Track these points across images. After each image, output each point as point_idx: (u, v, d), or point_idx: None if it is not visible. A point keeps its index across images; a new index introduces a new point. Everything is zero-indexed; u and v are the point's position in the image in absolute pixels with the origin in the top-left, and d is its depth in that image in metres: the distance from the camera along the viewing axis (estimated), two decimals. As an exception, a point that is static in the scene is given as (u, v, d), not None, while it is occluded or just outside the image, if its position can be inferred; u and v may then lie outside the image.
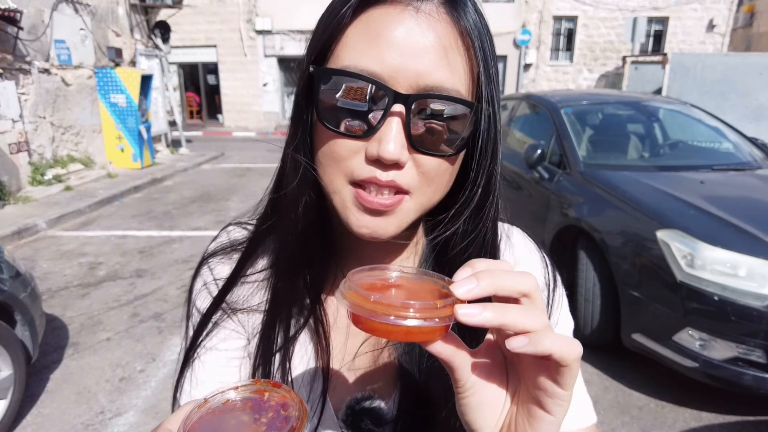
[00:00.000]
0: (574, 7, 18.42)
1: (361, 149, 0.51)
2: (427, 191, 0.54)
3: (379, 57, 0.49)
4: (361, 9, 0.51)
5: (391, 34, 0.49)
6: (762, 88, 8.87)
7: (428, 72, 0.49)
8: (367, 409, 0.61)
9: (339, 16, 0.51)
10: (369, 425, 0.61)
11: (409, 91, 0.49)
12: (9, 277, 2.83)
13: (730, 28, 17.66)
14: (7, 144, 7.52)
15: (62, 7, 8.90)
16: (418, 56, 0.49)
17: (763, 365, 2.64)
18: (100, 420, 2.91)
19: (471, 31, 0.52)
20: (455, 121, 0.52)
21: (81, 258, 5.51)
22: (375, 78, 0.49)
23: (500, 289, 0.39)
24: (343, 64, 0.51)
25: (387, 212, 0.53)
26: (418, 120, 0.50)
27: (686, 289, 2.76)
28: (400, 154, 0.50)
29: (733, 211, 3.03)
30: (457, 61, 0.51)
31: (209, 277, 0.67)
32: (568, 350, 0.39)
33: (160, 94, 12.18)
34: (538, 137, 4.61)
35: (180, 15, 14.31)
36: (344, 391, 0.63)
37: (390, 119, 0.50)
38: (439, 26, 0.50)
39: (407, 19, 0.50)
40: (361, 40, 0.50)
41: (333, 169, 0.53)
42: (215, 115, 20.71)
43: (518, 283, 0.39)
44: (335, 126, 0.52)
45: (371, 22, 0.50)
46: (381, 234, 0.54)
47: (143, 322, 4.02)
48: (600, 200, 3.54)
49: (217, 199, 8.29)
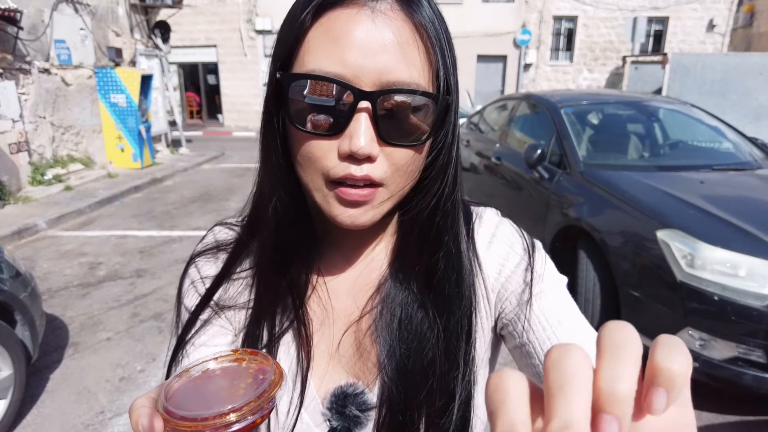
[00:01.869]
0: (574, 7, 18.42)
1: (334, 147, 0.54)
2: (399, 180, 0.57)
3: (341, 59, 0.52)
4: (319, 13, 0.53)
5: (351, 35, 0.52)
6: (762, 88, 8.87)
7: (388, 69, 0.52)
8: (350, 396, 0.63)
9: (299, 22, 0.54)
10: (353, 411, 0.62)
11: (373, 88, 0.52)
12: (9, 277, 2.83)
13: (730, 28, 17.67)
14: (7, 144, 7.52)
15: (62, 7, 8.90)
16: (377, 54, 0.52)
17: (763, 365, 2.64)
18: (100, 420, 2.91)
19: (426, 25, 0.54)
20: (419, 112, 0.54)
21: (81, 258, 5.51)
22: (340, 79, 0.52)
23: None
24: (308, 68, 0.53)
25: (365, 203, 0.56)
26: (385, 114, 0.53)
27: (686, 289, 2.76)
28: (371, 148, 0.53)
29: (733, 211, 3.03)
30: (415, 55, 0.53)
31: (196, 276, 0.70)
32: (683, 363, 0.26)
33: (160, 94, 12.17)
34: (538, 137, 4.61)
35: (180, 15, 14.31)
36: (330, 380, 0.65)
37: (357, 116, 0.52)
38: (395, 23, 0.53)
39: (364, 20, 0.52)
40: (322, 44, 0.53)
41: (311, 168, 0.56)
42: (215, 115, 20.71)
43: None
44: (306, 127, 0.54)
45: (330, 24, 0.53)
46: (361, 222, 0.57)
47: (143, 322, 4.02)
48: (600, 200, 3.54)
49: (218, 199, 8.29)
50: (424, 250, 0.62)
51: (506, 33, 18.36)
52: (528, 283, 0.65)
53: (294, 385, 0.64)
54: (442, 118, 0.58)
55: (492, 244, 0.68)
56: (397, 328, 0.62)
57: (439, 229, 0.62)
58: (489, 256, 0.67)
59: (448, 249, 0.63)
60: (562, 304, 0.64)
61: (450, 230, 0.63)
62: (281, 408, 0.64)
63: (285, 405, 0.64)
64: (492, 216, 0.72)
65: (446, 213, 0.62)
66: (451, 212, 0.62)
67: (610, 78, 18.52)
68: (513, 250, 0.68)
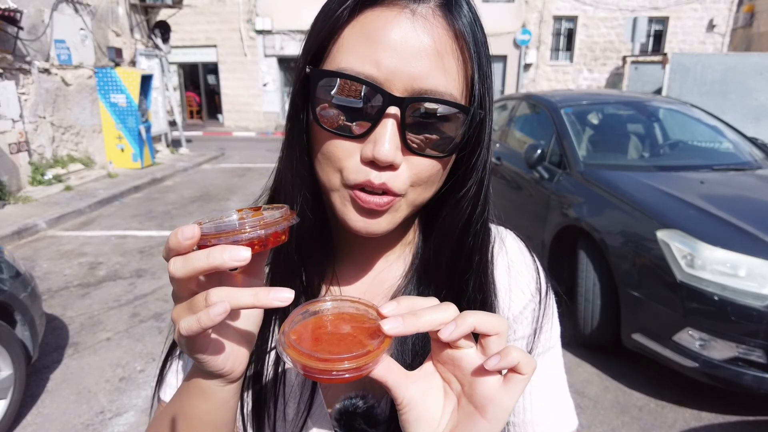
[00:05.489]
0: (574, 7, 18.42)
1: (356, 150, 0.52)
2: (418, 191, 0.55)
3: (375, 60, 0.49)
4: (357, 10, 0.51)
5: (388, 36, 0.50)
6: (762, 88, 8.88)
7: (423, 76, 0.50)
8: (360, 409, 0.62)
9: (335, 17, 0.52)
10: (362, 425, 0.61)
11: (404, 94, 0.50)
12: (9, 277, 2.83)
13: (730, 28, 17.66)
14: (7, 144, 7.52)
15: (62, 7, 8.90)
16: (413, 60, 0.50)
17: (763, 365, 2.64)
18: (100, 420, 2.91)
19: (466, 35, 0.52)
20: (448, 124, 0.53)
21: (81, 258, 5.51)
22: (371, 80, 0.50)
23: (422, 327, 0.43)
24: (340, 65, 0.51)
25: (381, 211, 0.54)
26: (413, 122, 0.51)
27: (686, 289, 2.76)
28: (394, 156, 0.51)
29: (733, 211, 3.03)
30: (452, 65, 0.52)
31: None
32: (528, 361, 0.43)
33: (160, 94, 12.17)
34: (538, 137, 4.61)
35: (180, 15, 14.31)
36: (338, 391, 0.63)
37: (385, 121, 0.50)
38: (435, 29, 0.51)
39: (403, 22, 0.50)
40: (357, 42, 0.51)
41: (330, 168, 0.54)
42: (215, 115, 20.71)
43: (437, 318, 0.44)
44: (331, 127, 0.52)
45: (368, 23, 0.51)
46: (375, 230, 0.55)
47: (143, 322, 4.02)
48: (600, 200, 3.54)
49: (217, 199, 8.29)
50: (454, 270, 0.61)
51: (506, 33, 18.36)
52: (534, 331, 0.65)
53: (301, 391, 0.63)
54: (475, 134, 0.56)
55: (509, 276, 0.67)
56: (411, 341, 0.61)
57: (470, 250, 0.61)
58: (502, 288, 0.66)
59: (477, 270, 0.62)
60: (549, 371, 0.66)
61: (480, 251, 0.62)
62: (288, 412, 0.63)
63: (292, 409, 0.63)
64: (512, 244, 0.70)
65: (477, 233, 0.60)
66: (481, 232, 0.61)
67: (610, 78, 18.51)
68: (522, 293, 0.66)
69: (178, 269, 0.43)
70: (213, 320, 0.41)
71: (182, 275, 0.43)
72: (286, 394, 0.63)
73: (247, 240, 0.44)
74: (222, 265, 0.42)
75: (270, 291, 0.44)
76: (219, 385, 0.50)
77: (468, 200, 0.59)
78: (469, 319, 0.44)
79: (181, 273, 0.43)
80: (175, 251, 0.43)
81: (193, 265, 0.42)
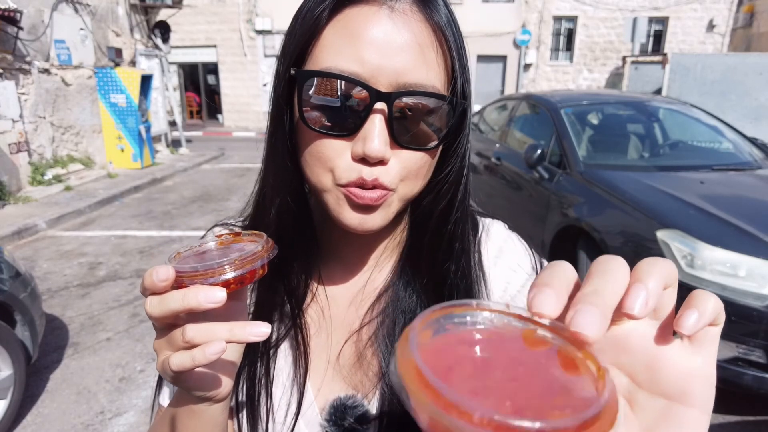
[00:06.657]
0: (574, 7, 18.43)
1: (346, 149, 0.53)
2: (409, 185, 0.56)
3: (358, 57, 0.50)
4: (336, 9, 0.52)
5: (369, 34, 0.50)
6: (762, 88, 8.87)
7: (407, 70, 0.51)
8: (350, 408, 0.62)
9: (315, 18, 0.52)
10: (352, 423, 0.61)
11: (389, 89, 0.51)
12: (9, 277, 2.83)
13: (730, 28, 17.67)
14: (7, 144, 7.52)
15: (62, 7, 8.90)
16: (396, 55, 0.50)
17: (763, 365, 2.64)
18: (100, 420, 2.91)
19: (444, 27, 0.53)
20: (434, 116, 0.53)
21: (81, 258, 5.51)
22: (356, 78, 0.50)
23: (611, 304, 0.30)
24: (324, 65, 0.51)
25: (375, 207, 0.55)
26: (400, 116, 0.52)
27: (686, 289, 2.73)
28: (384, 151, 0.51)
29: (733, 211, 3.03)
30: (433, 57, 0.52)
31: None
32: (720, 303, 0.32)
33: (160, 94, 12.17)
34: (538, 137, 4.60)
35: (180, 15, 14.30)
36: (328, 391, 0.64)
37: (373, 117, 0.51)
38: (414, 24, 0.51)
39: (383, 19, 0.51)
40: (339, 41, 0.51)
41: (320, 169, 0.54)
42: (215, 115, 20.71)
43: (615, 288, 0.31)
44: (319, 127, 0.53)
45: (348, 22, 0.51)
46: (371, 226, 0.56)
47: (143, 322, 4.02)
48: (600, 200, 3.54)
49: (217, 199, 8.29)
50: (435, 257, 0.62)
51: (506, 33, 18.37)
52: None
53: (291, 391, 0.63)
54: (457, 124, 0.57)
55: (499, 259, 0.67)
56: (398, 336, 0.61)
57: (451, 237, 0.61)
58: (495, 273, 0.66)
59: (458, 257, 0.62)
60: None
61: (460, 238, 0.62)
62: (278, 413, 0.63)
63: (282, 410, 0.63)
64: (500, 230, 0.70)
65: (457, 221, 0.61)
66: (461, 220, 0.61)
67: (610, 78, 18.52)
68: (521, 268, 0.66)
69: (154, 308, 0.44)
70: (208, 359, 0.42)
71: (158, 315, 0.44)
72: (277, 395, 0.63)
73: (223, 281, 0.43)
74: (197, 307, 0.42)
75: (246, 326, 0.44)
76: (206, 405, 0.51)
77: (448, 185, 0.59)
78: (650, 275, 0.31)
79: (156, 312, 0.44)
80: (151, 291, 0.44)
81: (169, 306, 0.43)
